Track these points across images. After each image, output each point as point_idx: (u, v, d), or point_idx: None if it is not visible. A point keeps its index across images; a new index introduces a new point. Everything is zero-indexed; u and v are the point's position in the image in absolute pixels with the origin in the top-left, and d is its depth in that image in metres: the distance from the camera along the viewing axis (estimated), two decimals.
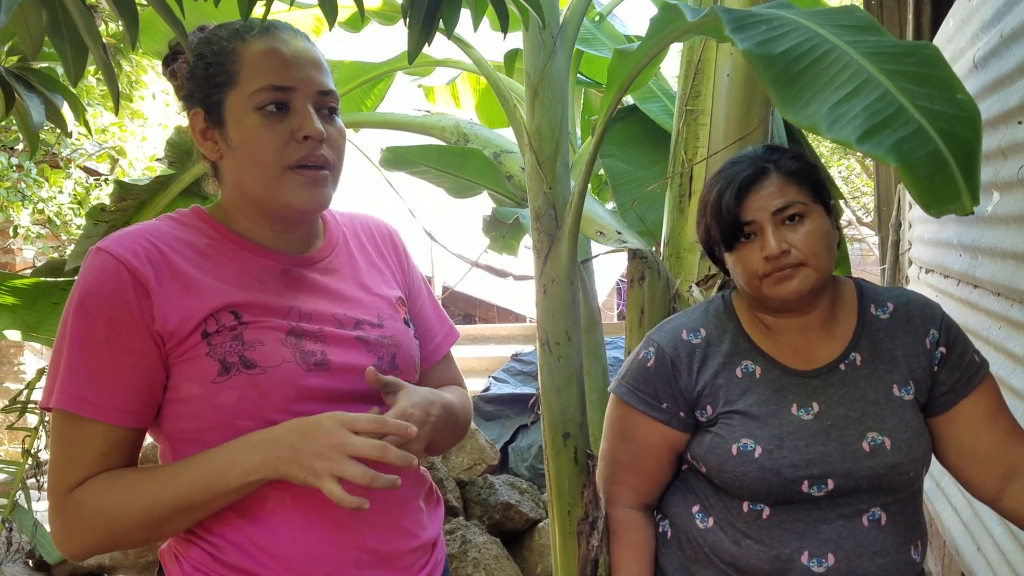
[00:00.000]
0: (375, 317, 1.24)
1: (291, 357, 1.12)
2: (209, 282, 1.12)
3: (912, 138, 0.97)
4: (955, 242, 2.45)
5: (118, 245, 1.09)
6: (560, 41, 1.90)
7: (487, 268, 2.56)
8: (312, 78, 1.14)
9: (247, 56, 1.14)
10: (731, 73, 2.04)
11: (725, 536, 1.34)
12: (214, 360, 1.08)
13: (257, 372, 1.09)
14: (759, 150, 1.35)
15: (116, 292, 1.06)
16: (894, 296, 1.40)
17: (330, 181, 1.17)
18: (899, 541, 1.29)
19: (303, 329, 1.15)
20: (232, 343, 1.09)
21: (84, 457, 1.07)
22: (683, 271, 2.09)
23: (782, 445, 1.28)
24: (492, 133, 2.69)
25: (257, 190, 1.15)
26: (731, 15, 1.18)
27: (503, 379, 4.98)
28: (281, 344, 1.12)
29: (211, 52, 1.16)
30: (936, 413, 1.34)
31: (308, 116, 1.12)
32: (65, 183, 5.75)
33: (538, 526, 3.94)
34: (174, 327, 1.08)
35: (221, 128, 1.15)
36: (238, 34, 1.16)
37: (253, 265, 1.17)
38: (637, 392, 1.40)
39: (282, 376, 1.10)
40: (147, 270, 1.08)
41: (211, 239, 1.17)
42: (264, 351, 1.10)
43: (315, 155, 1.13)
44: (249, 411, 1.09)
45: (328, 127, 1.16)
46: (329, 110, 1.17)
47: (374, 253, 1.35)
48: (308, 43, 1.19)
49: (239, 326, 1.10)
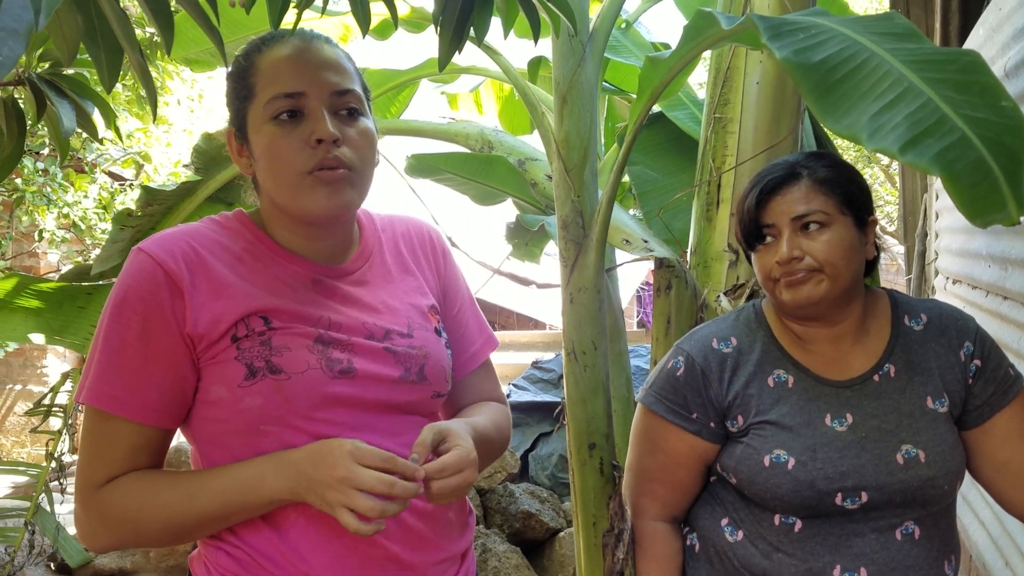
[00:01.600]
0: (405, 327, 1.24)
1: (316, 364, 1.12)
2: (242, 286, 1.12)
3: (955, 147, 0.96)
4: (984, 253, 2.42)
5: (157, 246, 1.11)
6: (590, 48, 1.90)
7: (510, 276, 2.56)
8: (323, 80, 1.13)
9: (261, 68, 1.14)
10: (760, 81, 2.03)
11: (756, 549, 1.32)
12: (241, 364, 1.09)
13: (282, 377, 1.09)
14: (800, 155, 1.35)
15: (151, 293, 1.08)
16: (928, 307, 1.38)
17: (351, 182, 1.15)
18: (932, 556, 1.28)
19: (331, 337, 1.15)
20: (260, 348, 1.09)
21: (113, 454, 1.09)
22: (711, 280, 2.07)
23: (815, 457, 1.27)
24: (516, 140, 2.69)
25: (281, 199, 1.15)
26: (768, 23, 1.16)
27: (523, 387, 4.96)
28: (308, 351, 1.12)
29: (237, 69, 1.17)
30: (970, 426, 1.33)
31: (319, 119, 1.11)
32: (90, 188, 5.81)
33: (559, 536, 3.92)
34: (205, 329, 1.09)
35: (247, 143, 1.17)
36: (257, 47, 1.16)
37: (286, 272, 1.17)
38: (666, 402, 1.39)
39: (307, 382, 1.10)
40: (182, 272, 1.09)
41: (248, 243, 1.18)
42: (290, 357, 1.10)
43: (330, 157, 1.11)
44: (273, 416, 1.09)
45: (347, 128, 1.14)
46: (349, 111, 1.15)
47: (410, 258, 1.34)
48: (326, 45, 1.18)
49: (268, 331, 1.11)
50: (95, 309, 2.77)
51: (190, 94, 6.31)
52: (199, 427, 1.14)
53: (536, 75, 2.70)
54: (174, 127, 6.30)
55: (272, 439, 1.10)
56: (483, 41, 1.42)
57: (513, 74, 2.15)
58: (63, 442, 3.25)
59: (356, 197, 1.17)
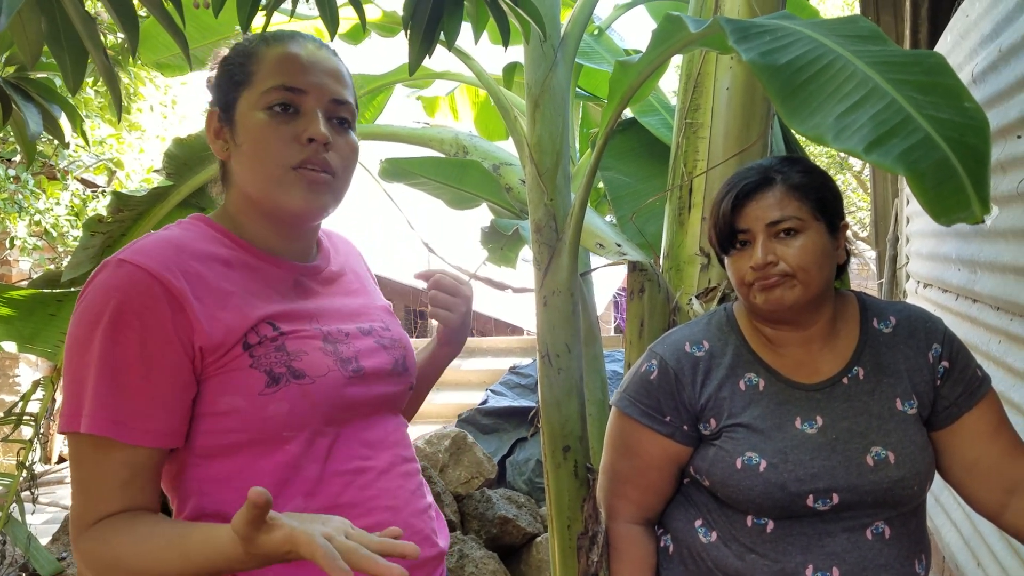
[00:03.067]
0: (381, 322, 1.26)
1: (334, 366, 1.12)
2: (241, 295, 1.10)
3: (920, 147, 0.97)
4: (954, 256, 2.45)
5: (146, 258, 1.04)
6: (561, 54, 1.91)
7: (486, 280, 2.55)
8: (326, 85, 1.14)
9: (266, 58, 1.14)
10: (731, 87, 2.04)
11: (729, 551, 1.33)
12: (260, 372, 1.05)
13: (307, 382, 1.08)
14: (774, 160, 1.36)
15: (148, 308, 1.01)
16: (896, 310, 1.40)
17: (331, 188, 1.14)
18: (903, 555, 1.29)
19: (334, 336, 1.16)
20: (276, 354, 1.07)
21: (107, 486, 1.02)
22: (683, 284, 2.08)
23: (787, 459, 1.27)
24: (491, 145, 2.69)
25: (257, 190, 1.14)
26: (734, 25, 1.17)
27: (501, 392, 4.96)
28: (322, 353, 1.12)
29: (235, 55, 1.17)
30: (939, 427, 1.34)
31: (315, 120, 1.11)
32: (62, 195, 5.75)
33: (536, 540, 3.92)
34: (220, 340, 1.04)
35: (232, 126, 1.15)
36: (264, 40, 1.16)
37: (270, 276, 1.16)
38: (640, 405, 1.40)
39: (329, 385, 1.10)
40: (181, 284, 1.04)
41: (231, 250, 1.15)
42: (310, 360, 1.09)
43: (318, 158, 1.12)
44: (298, 422, 1.07)
45: (336, 136, 1.15)
46: (340, 120, 1.16)
47: (355, 265, 1.36)
48: (333, 55, 1.19)
49: (279, 336, 1.09)
50: (65, 316, 2.74)
51: (163, 100, 6.26)
52: (203, 441, 1.08)
53: (511, 81, 2.71)
54: (147, 133, 6.25)
55: (294, 443, 1.08)
56: (454, 46, 1.42)
57: (486, 78, 2.15)
58: (34, 451, 3.20)
59: (332, 203, 1.17)
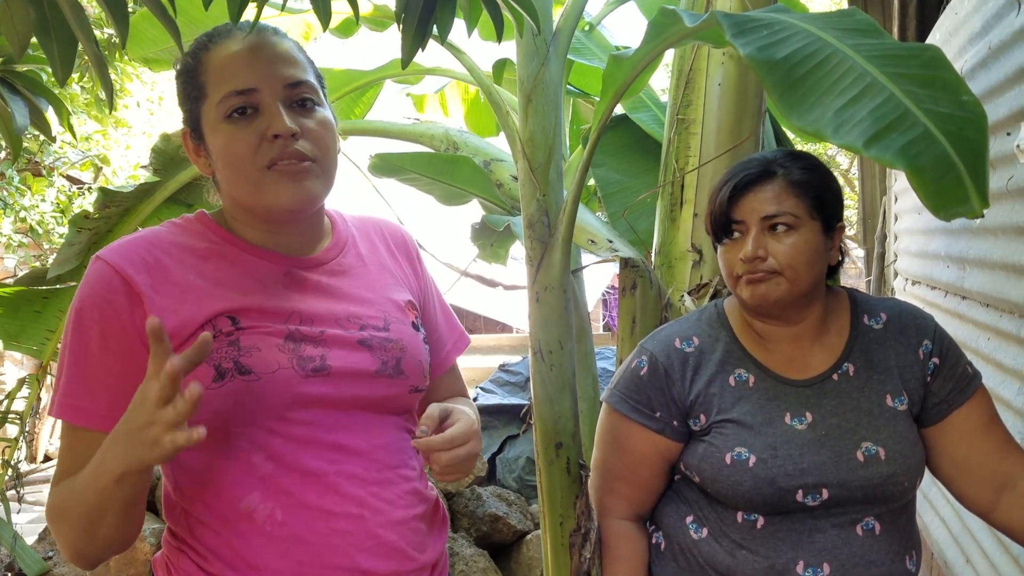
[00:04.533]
0: (381, 320, 1.22)
1: (288, 363, 1.09)
2: (207, 288, 1.10)
3: (919, 141, 0.97)
4: (943, 253, 2.46)
5: (114, 253, 1.10)
6: (553, 48, 1.90)
7: (477, 278, 2.55)
8: (275, 73, 1.11)
9: (211, 65, 1.12)
10: (722, 83, 2.05)
11: (720, 547, 1.33)
12: (209, 366, 1.06)
13: (252, 378, 1.07)
14: (777, 153, 1.35)
15: (107, 301, 1.07)
16: (887, 306, 1.40)
17: (314, 173, 1.13)
18: (894, 551, 1.29)
19: (302, 333, 1.13)
20: (228, 348, 1.07)
21: (77, 463, 1.06)
22: (675, 280, 2.09)
23: (776, 454, 1.28)
24: (482, 141, 2.69)
25: (244, 197, 1.13)
26: (731, 20, 1.17)
27: (491, 390, 4.96)
28: (278, 350, 1.10)
29: (186, 68, 1.15)
30: (929, 424, 1.34)
31: (275, 114, 1.09)
32: (48, 191, 5.72)
33: (526, 538, 3.92)
34: (172, 331, 1.05)
35: (204, 143, 1.15)
36: (204, 44, 1.14)
37: (255, 268, 1.15)
38: (630, 401, 1.39)
39: (278, 382, 1.08)
40: (141, 278, 1.08)
41: (212, 243, 1.16)
42: (260, 357, 1.08)
43: (289, 151, 1.10)
44: (243, 418, 1.07)
45: (304, 119, 1.12)
46: (301, 102, 1.13)
47: (386, 255, 1.32)
48: (275, 36, 1.15)
49: (236, 331, 1.09)
50: (51, 314, 2.72)
51: (150, 96, 6.23)
52: None
53: (501, 77, 2.70)
54: (133, 129, 6.22)
55: (244, 441, 1.08)
56: (446, 40, 1.41)
57: (478, 74, 2.14)
58: (20, 450, 3.17)
59: (322, 188, 1.15)
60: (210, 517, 1.10)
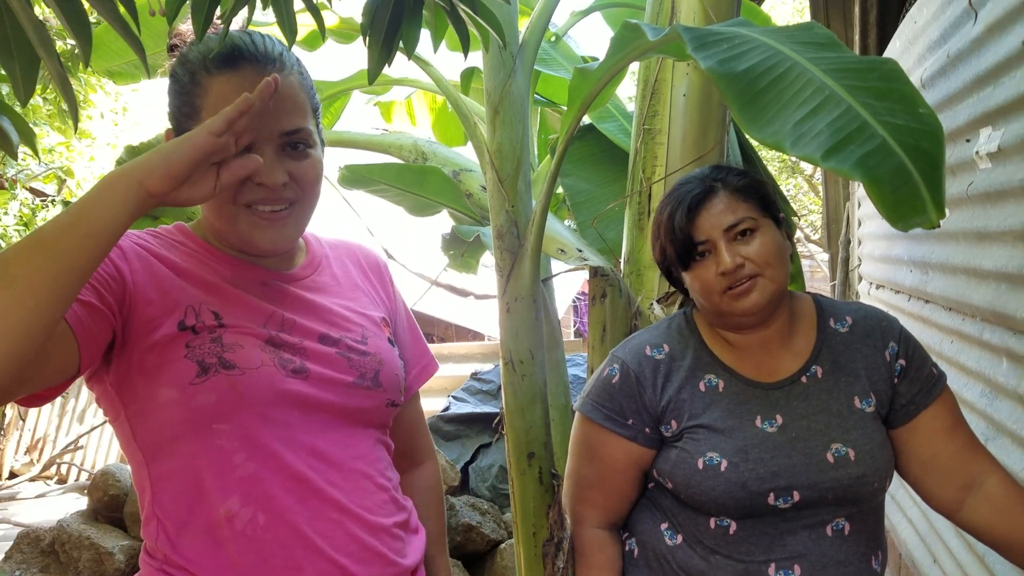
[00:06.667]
0: (359, 335, 1.22)
1: (270, 362, 1.10)
2: (190, 285, 1.11)
3: (877, 153, 0.99)
4: (906, 258, 2.49)
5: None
6: (520, 61, 1.92)
7: (448, 287, 2.55)
8: (274, 121, 1.09)
9: (210, 92, 1.10)
10: (687, 93, 2.07)
11: (694, 552, 1.34)
12: (192, 362, 1.06)
13: (236, 373, 1.07)
14: (706, 170, 1.37)
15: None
16: (852, 310, 1.42)
17: (293, 217, 1.13)
18: (861, 551, 1.31)
19: (282, 340, 1.13)
20: (211, 345, 1.07)
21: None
22: (644, 288, 2.10)
23: (747, 458, 1.29)
24: (451, 151, 2.69)
25: (218, 224, 1.15)
26: (692, 33, 1.19)
27: (463, 398, 4.93)
28: (260, 350, 1.10)
29: (181, 86, 1.13)
30: (896, 425, 1.36)
31: (266, 163, 1.07)
32: (11, 204, 5.62)
33: (500, 547, 3.92)
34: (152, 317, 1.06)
35: None
36: (206, 67, 1.11)
37: (234, 274, 1.16)
38: (603, 409, 1.40)
39: (261, 378, 1.08)
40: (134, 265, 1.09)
41: (190, 252, 1.16)
42: (243, 354, 1.08)
43: (272, 198, 1.11)
44: (227, 413, 1.07)
45: (295, 164, 1.12)
46: (294, 144, 1.12)
47: (359, 277, 1.33)
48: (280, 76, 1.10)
49: (219, 328, 1.09)
50: None
51: (113, 107, 6.16)
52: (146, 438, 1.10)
53: (469, 86, 2.71)
54: (98, 141, 6.14)
55: (226, 439, 1.07)
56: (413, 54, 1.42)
57: (445, 85, 2.15)
58: None
59: (297, 231, 1.16)
60: (190, 527, 1.09)
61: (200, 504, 1.08)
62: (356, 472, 1.16)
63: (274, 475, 1.09)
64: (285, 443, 1.10)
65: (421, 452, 1.46)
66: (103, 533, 4.11)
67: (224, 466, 1.08)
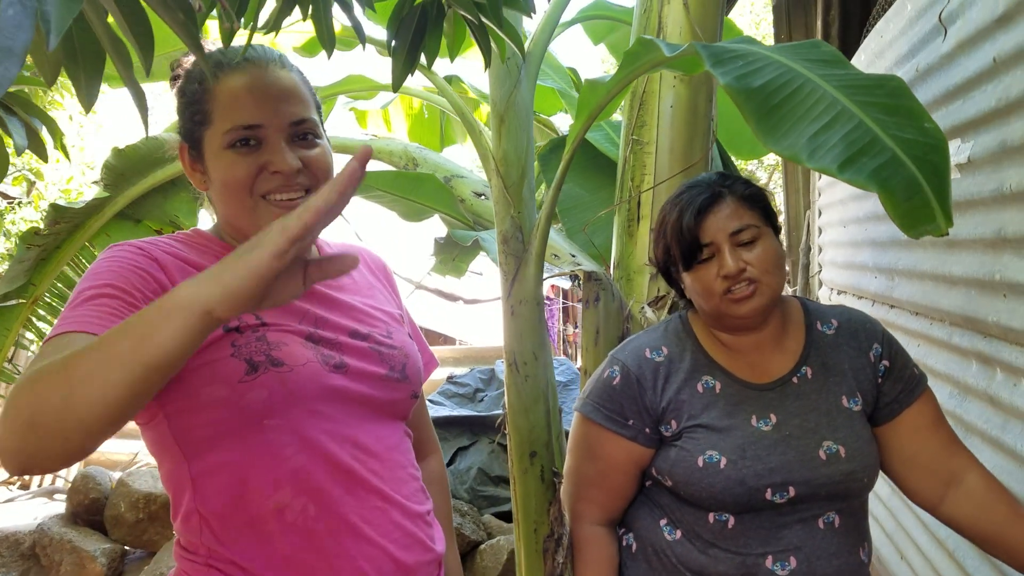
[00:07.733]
0: (384, 331, 1.27)
1: (314, 358, 1.14)
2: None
3: (888, 166, 1.04)
4: (871, 265, 2.53)
5: (143, 243, 1.13)
6: (525, 71, 1.96)
7: (436, 292, 2.59)
8: (282, 111, 1.15)
9: (219, 95, 1.15)
10: (674, 105, 2.12)
11: (693, 547, 1.37)
12: (240, 360, 1.08)
13: (285, 370, 1.10)
14: (713, 176, 1.41)
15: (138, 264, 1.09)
16: (836, 313, 1.48)
17: None
18: (851, 543, 1.36)
19: (320, 336, 1.17)
20: (257, 343, 1.10)
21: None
22: (634, 292, 2.15)
23: (745, 455, 1.33)
24: (440, 157, 2.73)
25: (240, 223, 1.18)
26: (710, 51, 1.24)
27: (439, 402, 4.91)
28: (303, 347, 1.14)
29: (190, 91, 1.18)
30: (881, 423, 1.41)
31: (277, 151, 1.14)
32: None
33: (480, 548, 3.93)
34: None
35: (203, 162, 1.19)
36: (212, 73, 1.17)
37: None
38: (603, 410, 1.43)
39: (308, 374, 1.12)
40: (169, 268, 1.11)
41: (219, 255, 1.18)
42: (289, 351, 1.12)
43: (288, 185, 1.15)
44: (278, 409, 1.09)
45: (306, 152, 1.17)
46: (303, 135, 1.17)
47: (371, 277, 1.38)
48: (282, 71, 1.19)
49: (262, 327, 1.12)
50: None
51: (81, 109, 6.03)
52: (187, 436, 1.11)
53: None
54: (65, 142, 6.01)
55: (276, 434, 1.10)
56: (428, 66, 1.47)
57: (450, 94, 2.19)
58: None
59: None
60: (235, 520, 1.10)
61: (247, 498, 1.10)
62: (393, 462, 1.21)
63: (322, 467, 1.12)
64: (330, 436, 1.13)
65: (428, 444, 1.51)
66: (84, 536, 4.08)
67: (274, 460, 1.10)
